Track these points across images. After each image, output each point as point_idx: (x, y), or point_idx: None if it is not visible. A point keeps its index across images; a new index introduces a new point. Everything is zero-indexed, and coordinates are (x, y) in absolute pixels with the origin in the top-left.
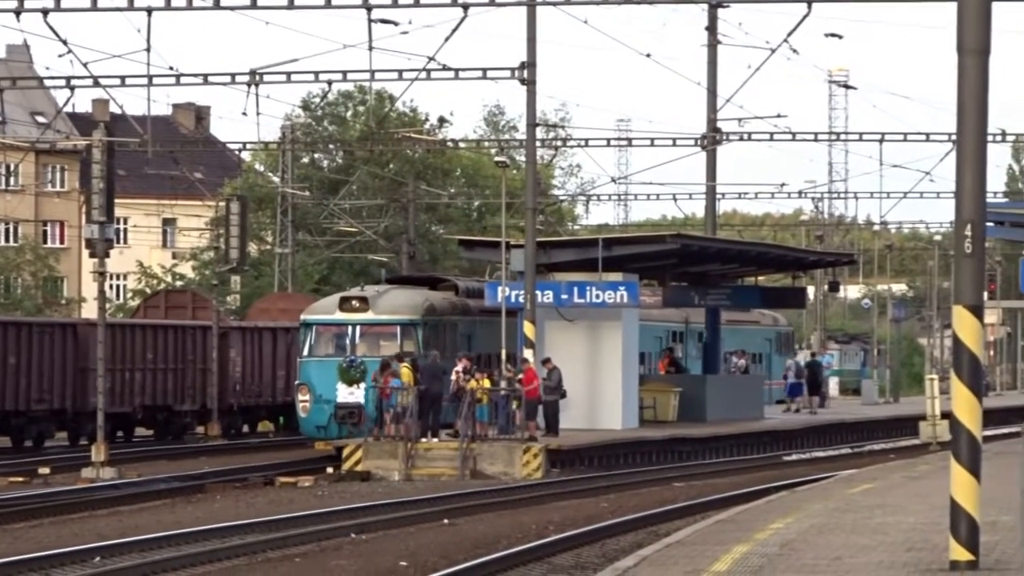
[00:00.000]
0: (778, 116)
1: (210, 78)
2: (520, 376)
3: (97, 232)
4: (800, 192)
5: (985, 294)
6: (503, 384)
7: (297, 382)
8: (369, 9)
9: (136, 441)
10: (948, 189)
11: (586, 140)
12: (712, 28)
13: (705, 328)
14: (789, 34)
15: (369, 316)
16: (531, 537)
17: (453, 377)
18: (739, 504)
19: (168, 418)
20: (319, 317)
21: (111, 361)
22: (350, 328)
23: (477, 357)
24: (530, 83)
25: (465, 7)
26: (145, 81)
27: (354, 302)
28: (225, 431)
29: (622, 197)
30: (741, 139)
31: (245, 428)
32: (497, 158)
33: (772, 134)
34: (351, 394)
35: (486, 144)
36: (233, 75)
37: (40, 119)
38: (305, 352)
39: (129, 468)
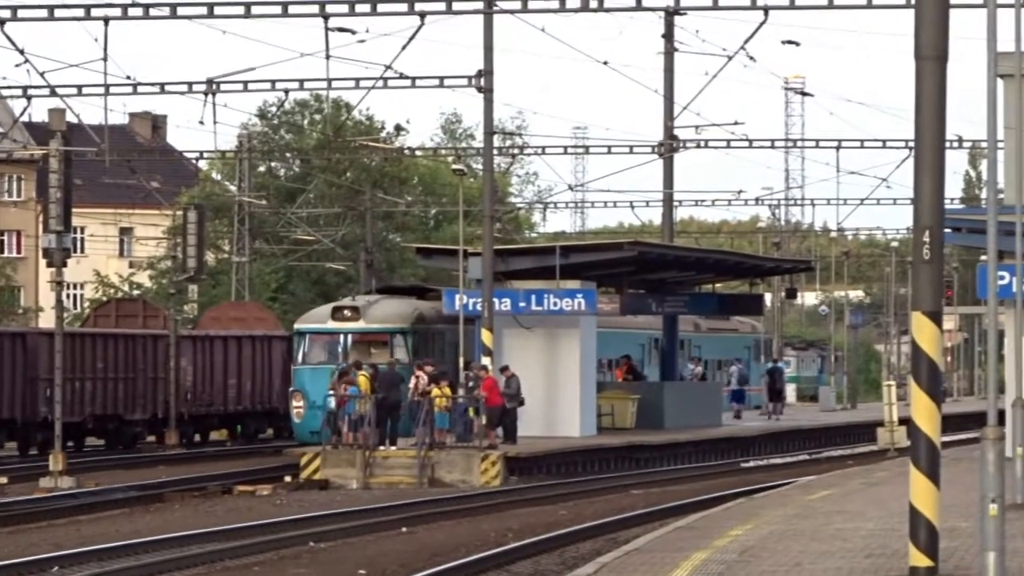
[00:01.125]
0: (735, 123)
1: (167, 87)
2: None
3: (54, 242)
4: (757, 199)
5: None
6: (461, 392)
7: (291, 388)
8: (326, 17)
9: (87, 451)
10: (905, 195)
11: (543, 148)
12: (669, 35)
13: (663, 335)
14: (746, 41)
15: (360, 325)
16: (490, 545)
17: (412, 384)
18: (698, 511)
19: (119, 427)
20: (312, 326)
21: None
22: (342, 336)
23: (466, 363)
24: (487, 91)
25: (422, 15)
26: (102, 90)
27: (346, 311)
28: (178, 439)
29: (579, 205)
30: (698, 146)
31: (197, 437)
32: (454, 166)
33: (729, 141)
34: None
35: (443, 152)
36: (190, 84)
37: None
38: (299, 359)
39: (87, 477)
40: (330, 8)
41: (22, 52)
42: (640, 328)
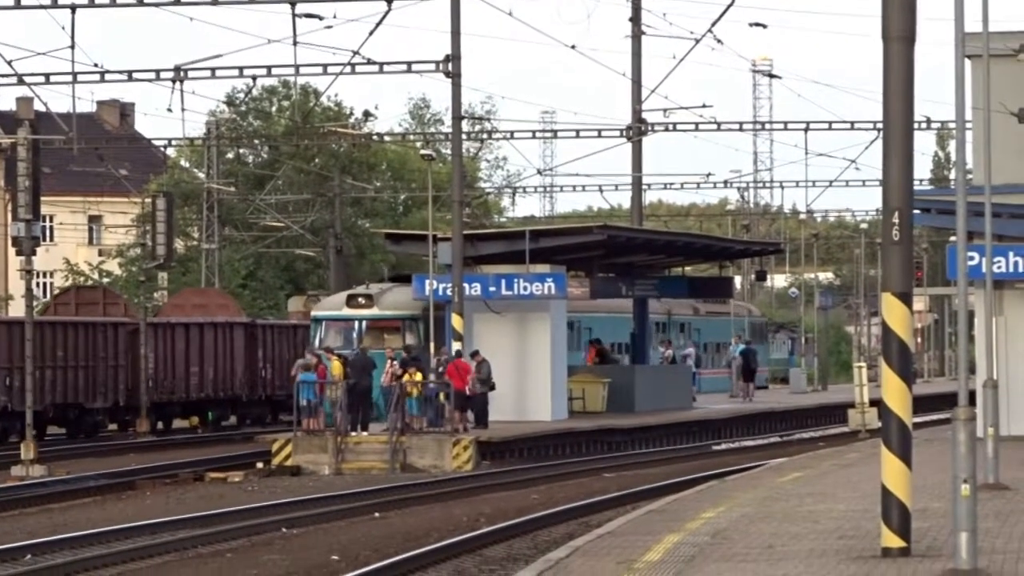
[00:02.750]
0: (703, 106)
1: (134, 75)
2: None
3: (23, 230)
4: (726, 182)
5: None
6: (432, 377)
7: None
8: (293, 4)
9: (48, 440)
10: (874, 177)
11: (511, 132)
12: (636, 19)
13: (633, 319)
14: (713, 24)
15: (374, 312)
16: (463, 529)
17: (388, 369)
18: (670, 494)
19: (80, 416)
20: (328, 313)
21: (20, 359)
22: (356, 323)
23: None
24: (455, 76)
25: (389, 0)
26: (70, 78)
27: (360, 299)
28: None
29: (548, 189)
30: (666, 129)
31: (160, 425)
32: (423, 151)
33: (697, 124)
34: None
35: (411, 138)
36: (158, 71)
37: None
38: (316, 345)
39: (58, 466)
40: None
41: None
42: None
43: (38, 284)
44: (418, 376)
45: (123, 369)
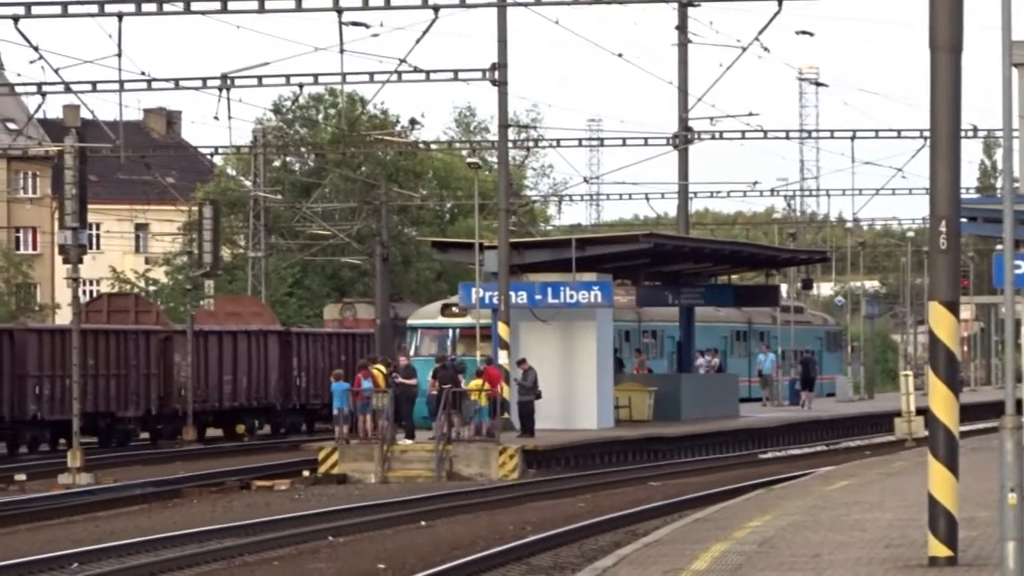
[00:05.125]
0: (749, 114)
1: (181, 82)
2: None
3: (70, 238)
4: (772, 190)
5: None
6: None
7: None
8: (340, 12)
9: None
10: (920, 185)
11: (558, 140)
12: (683, 27)
13: (680, 327)
14: (760, 32)
15: (468, 320)
16: (509, 538)
17: (430, 379)
18: (716, 503)
19: (111, 424)
20: (424, 321)
21: (50, 367)
22: (451, 331)
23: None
24: (501, 84)
25: (436, 8)
26: (116, 86)
27: (454, 308)
28: (170, 436)
29: (594, 197)
30: (713, 138)
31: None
32: (469, 159)
33: (744, 132)
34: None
35: (457, 146)
36: (204, 79)
37: (11, 126)
38: (412, 352)
39: (105, 474)
40: (344, 2)
41: (36, 49)
42: (721, 321)
43: (85, 292)
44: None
45: (155, 377)
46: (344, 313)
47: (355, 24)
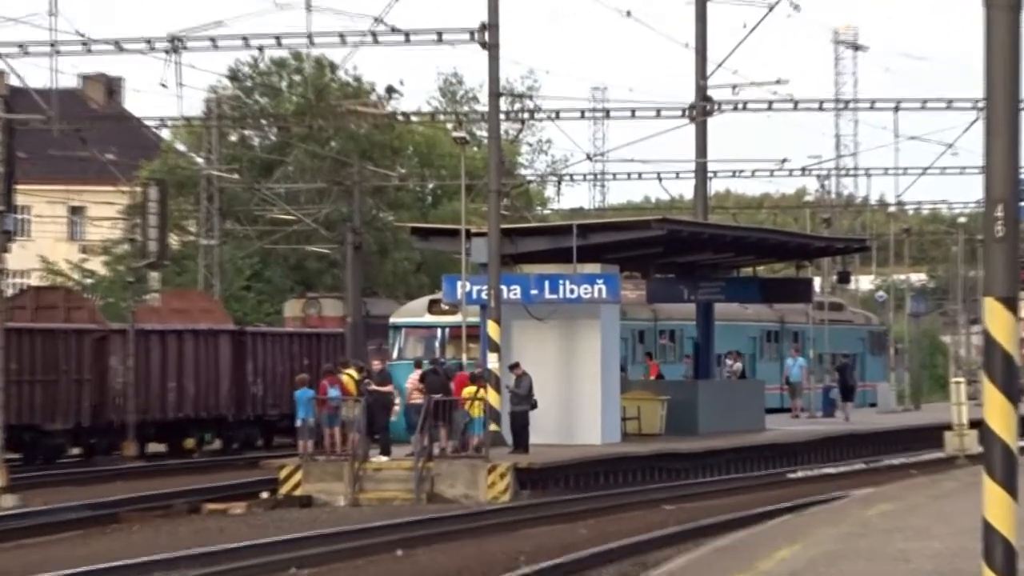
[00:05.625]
0: (777, 82)
1: (124, 45)
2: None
3: None
4: (803, 169)
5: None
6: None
7: None
8: None
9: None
10: (974, 164)
11: (557, 112)
12: None
13: (697, 326)
14: None
15: (458, 318)
16: (499, 569)
17: (408, 386)
18: (738, 529)
19: (36, 439)
20: (408, 320)
21: None
22: (439, 330)
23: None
24: (492, 47)
25: None
26: (49, 49)
27: (443, 304)
28: (107, 452)
29: (599, 177)
30: (735, 109)
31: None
32: (455, 133)
33: (771, 103)
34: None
35: (442, 117)
36: (150, 41)
37: None
38: (395, 355)
39: (33, 495)
40: None
41: None
42: (749, 320)
43: (11, 286)
44: (484, 392)
45: (88, 384)
46: (308, 310)
47: None
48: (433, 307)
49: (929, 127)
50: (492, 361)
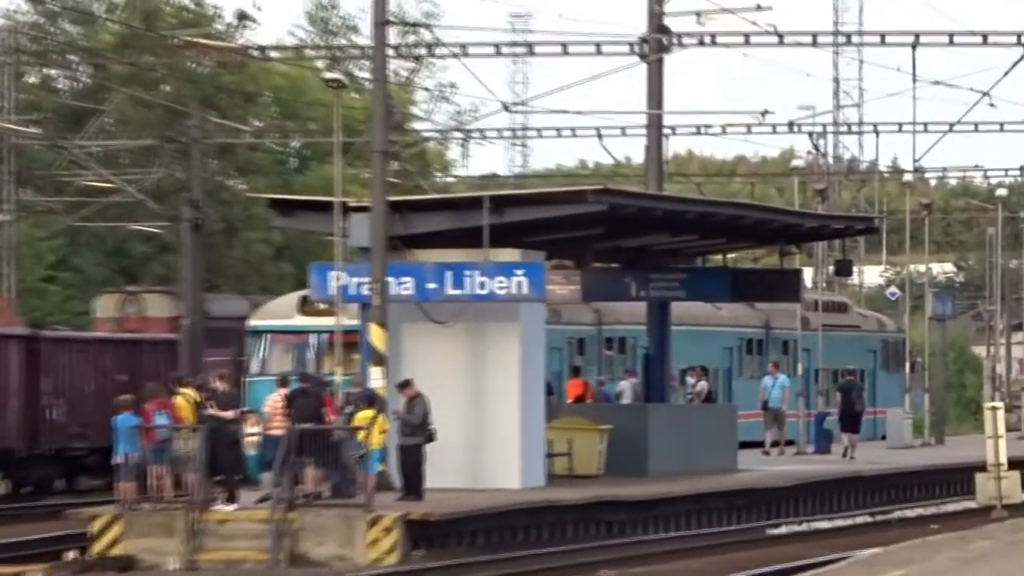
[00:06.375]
0: (758, 8)
1: None
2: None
3: None
4: (791, 124)
5: None
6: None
7: (243, 409)
8: None
9: None
10: (1018, 118)
11: (463, 46)
12: None
13: (649, 332)
14: None
15: (340, 320)
16: None
17: (266, 410)
18: None
19: None
20: (273, 323)
21: None
22: (313, 336)
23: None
24: None
25: None
26: None
27: (320, 303)
28: None
29: (519, 134)
30: (700, 44)
31: None
32: (327, 75)
33: (748, 36)
34: None
35: (311, 54)
36: None
37: None
38: (254, 369)
39: None
40: None
41: None
42: (724, 325)
43: None
44: (373, 416)
45: None
46: (126, 309)
47: None
48: (306, 306)
49: (957, 70)
50: (376, 378)
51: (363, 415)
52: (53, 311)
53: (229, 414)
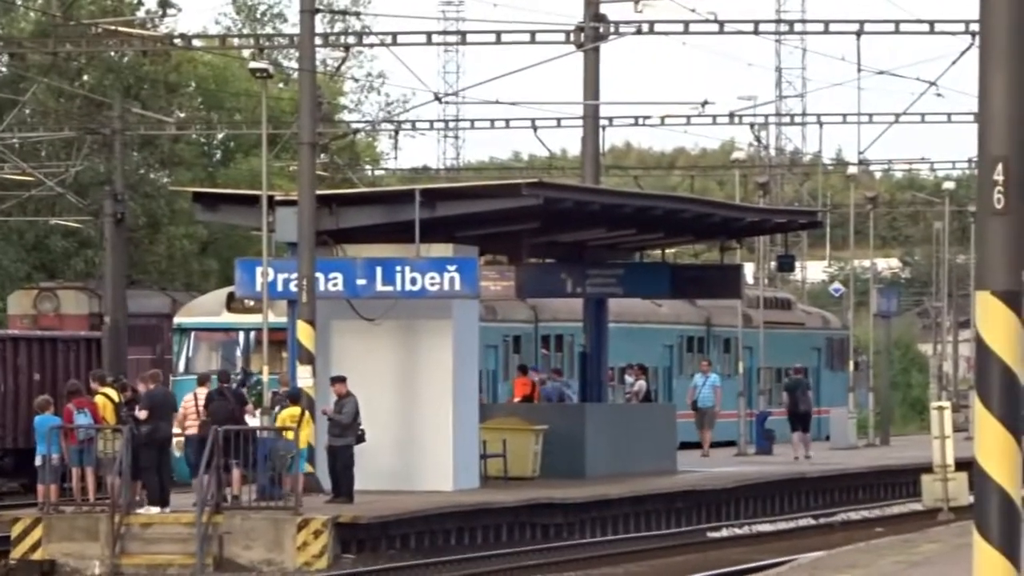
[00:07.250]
0: None
1: None
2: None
3: None
4: (731, 115)
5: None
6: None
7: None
8: None
9: None
10: (965, 108)
11: (394, 35)
12: None
13: (585, 329)
14: None
15: (270, 317)
16: None
17: (182, 411)
18: None
19: None
20: (198, 320)
21: None
22: (242, 334)
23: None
24: None
25: None
26: None
27: (247, 300)
28: None
29: (451, 125)
30: (639, 32)
31: None
32: (253, 64)
33: (687, 24)
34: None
35: (236, 42)
36: None
37: None
38: (180, 368)
39: None
40: None
41: None
42: (665, 322)
43: None
44: (300, 414)
45: None
46: (41, 305)
47: None
48: (234, 303)
49: (904, 59)
50: (304, 376)
51: (288, 412)
52: None
53: (140, 415)
